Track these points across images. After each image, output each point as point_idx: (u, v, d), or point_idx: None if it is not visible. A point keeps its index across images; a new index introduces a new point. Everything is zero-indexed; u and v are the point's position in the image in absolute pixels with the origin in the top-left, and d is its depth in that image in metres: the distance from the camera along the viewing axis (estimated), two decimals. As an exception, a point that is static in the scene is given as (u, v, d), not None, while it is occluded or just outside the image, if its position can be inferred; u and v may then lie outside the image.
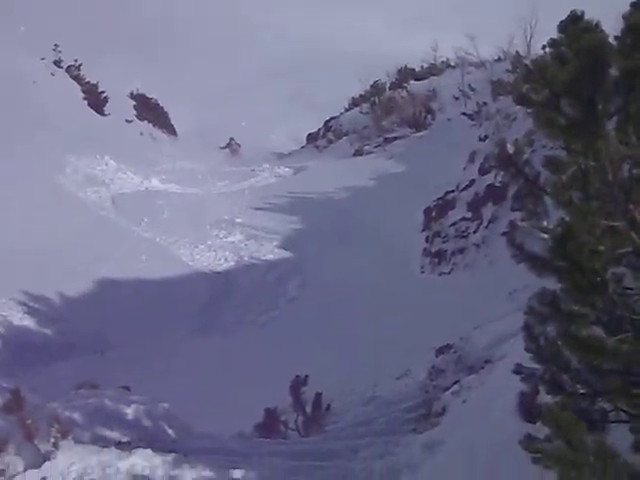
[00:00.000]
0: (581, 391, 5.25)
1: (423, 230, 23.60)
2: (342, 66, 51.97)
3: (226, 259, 24.27)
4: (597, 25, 4.55)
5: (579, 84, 4.40)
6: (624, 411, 5.13)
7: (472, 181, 22.57)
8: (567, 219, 4.90)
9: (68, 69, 39.45)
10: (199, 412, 12.59)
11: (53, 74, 37.69)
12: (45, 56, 38.39)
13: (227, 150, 48.12)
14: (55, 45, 39.28)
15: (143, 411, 10.42)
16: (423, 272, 22.05)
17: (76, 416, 9.72)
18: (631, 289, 5.08)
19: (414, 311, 18.25)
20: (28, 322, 18.69)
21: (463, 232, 21.84)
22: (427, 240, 22.91)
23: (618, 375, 4.91)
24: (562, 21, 4.72)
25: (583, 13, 4.66)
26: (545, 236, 5.21)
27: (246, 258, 24.18)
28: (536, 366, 5.66)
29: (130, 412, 10.27)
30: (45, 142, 28.22)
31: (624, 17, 4.65)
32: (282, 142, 49.42)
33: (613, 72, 4.45)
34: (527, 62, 24.71)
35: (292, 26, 63.58)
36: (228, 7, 66.29)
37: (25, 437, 8.24)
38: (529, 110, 5.10)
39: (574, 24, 4.63)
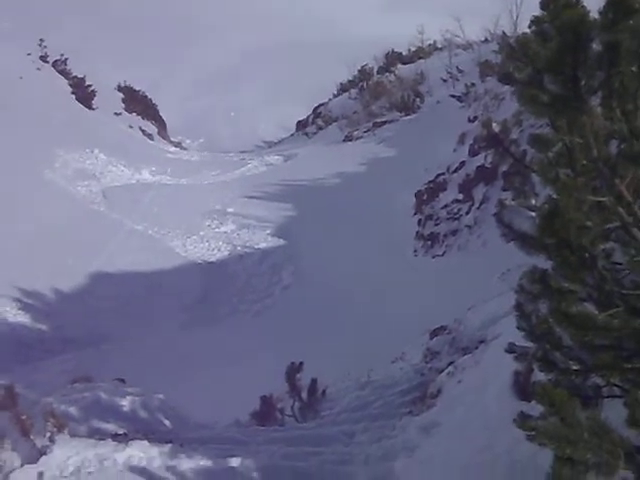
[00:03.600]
0: (574, 367, 5.25)
1: (415, 213, 23.56)
2: (329, 51, 52.00)
3: (219, 249, 24.25)
4: (578, 1, 4.52)
5: (561, 60, 4.38)
6: (617, 386, 5.14)
7: (462, 163, 22.52)
8: (554, 196, 4.89)
9: (54, 64, 39.35)
10: (195, 402, 12.59)
11: (39, 69, 37.59)
12: (31, 51, 38.30)
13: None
14: (40, 40, 39.17)
15: (139, 403, 10.42)
16: (416, 255, 22.01)
17: (72, 410, 9.71)
18: (620, 264, 5.08)
19: (408, 294, 18.26)
20: (22, 318, 18.69)
21: (455, 214, 21.80)
22: (419, 223, 22.87)
23: (610, 350, 4.91)
24: (544, -2, 4.70)
25: (565, -11, 4.64)
26: (533, 214, 5.21)
27: (239, 247, 24.17)
28: (529, 344, 5.67)
29: (126, 404, 10.26)
30: (33, 137, 28.17)
31: (606, -9, 4.63)
32: (271, 130, 49.44)
33: (596, 47, 4.43)
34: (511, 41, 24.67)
35: (278, 13, 63.59)
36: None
37: (21, 433, 8.23)
38: (513, 89, 5.09)
39: (555, 0, 4.61)
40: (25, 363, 17.13)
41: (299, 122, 46.23)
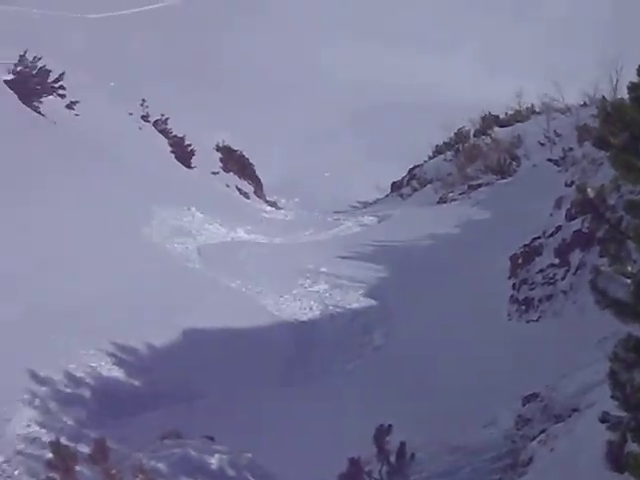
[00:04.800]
0: (669, 440, 5.13)
1: (509, 277, 23.30)
2: (425, 114, 52.25)
3: (311, 308, 24.27)
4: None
5: (658, 127, 4.35)
6: None
7: (559, 227, 22.27)
8: (650, 263, 4.82)
9: (155, 123, 40.42)
10: (283, 461, 12.58)
11: (141, 128, 38.62)
12: (133, 111, 39.39)
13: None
14: (143, 100, 40.31)
15: (227, 461, 10.48)
16: (510, 319, 21.74)
17: (160, 466, 9.82)
18: None
19: (501, 358, 18.03)
20: (116, 373, 18.92)
21: (551, 279, 21.51)
22: (514, 287, 22.62)
23: None
24: (641, 64, 4.69)
25: (662, 55, 4.62)
26: (629, 281, 5.13)
27: (331, 307, 24.16)
28: (623, 414, 5.56)
29: (214, 462, 10.34)
30: (133, 195, 28.83)
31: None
32: (366, 191, 49.66)
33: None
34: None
35: (372, 75, 64.28)
36: (307, 57, 67.41)
37: (111, 486, 8.33)
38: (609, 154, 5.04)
39: (652, 67, 4.60)
40: (117, 418, 17.32)
41: (394, 183, 46.44)
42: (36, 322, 18.52)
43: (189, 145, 39.89)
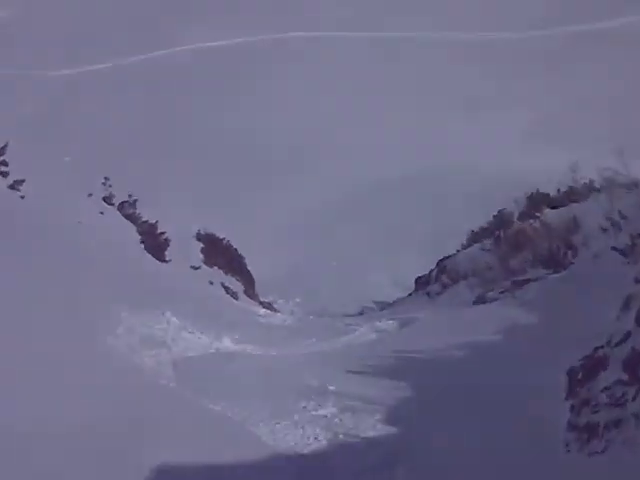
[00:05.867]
0: None
1: (567, 397, 23.09)
2: (456, 190, 52.60)
3: (316, 437, 23.94)
4: None
5: None
6: None
7: (628, 334, 22.08)
8: None
9: (121, 206, 40.65)
10: None
11: (102, 212, 38.80)
12: (93, 191, 39.66)
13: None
14: (105, 178, 40.60)
15: None
16: (569, 451, 21.40)
17: None
18: None
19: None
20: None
21: (619, 399, 21.25)
22: (572, 410, 22.39)
23: None
24: None
25: None
26: None
27: (341, 436, 23.85)
28: None
29: None
30: (93, 296, 28.71)
31: None
32: (383, 288, 49.82)
33: None
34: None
35: (387, 139, 64.93)
36: (307, 125, 68.27)
37: None
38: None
39: None
40: None
41: (419, 278, 46.70)
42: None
43: (163, 233, 40.08)
